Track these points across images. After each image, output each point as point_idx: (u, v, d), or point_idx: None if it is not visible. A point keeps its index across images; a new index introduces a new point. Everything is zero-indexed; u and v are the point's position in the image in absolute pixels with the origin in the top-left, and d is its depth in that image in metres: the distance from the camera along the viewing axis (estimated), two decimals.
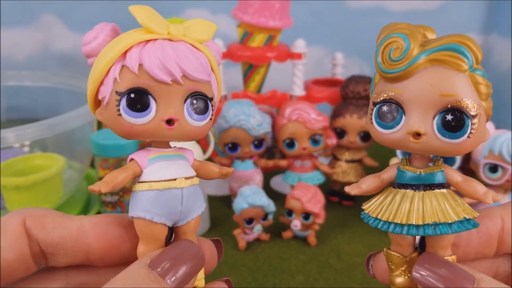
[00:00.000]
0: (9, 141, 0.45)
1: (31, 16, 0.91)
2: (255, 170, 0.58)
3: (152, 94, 0.21)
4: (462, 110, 0.21)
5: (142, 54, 0.21)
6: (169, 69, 0.21)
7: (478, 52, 0.21)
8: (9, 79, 0.73)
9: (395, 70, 0.21)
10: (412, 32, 0.21)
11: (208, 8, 0.91)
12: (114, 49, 0.21)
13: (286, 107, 0.56)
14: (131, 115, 0.21)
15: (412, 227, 0.22)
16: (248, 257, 0.50)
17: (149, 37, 0.21)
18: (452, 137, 0.21)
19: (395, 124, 0.22)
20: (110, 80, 0.21)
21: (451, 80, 0.21)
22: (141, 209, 0.22)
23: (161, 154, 0.23)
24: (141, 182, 0.22)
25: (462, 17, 0.92)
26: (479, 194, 0.22)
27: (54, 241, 0.22)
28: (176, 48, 0.21)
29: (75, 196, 0.58)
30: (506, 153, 0.50)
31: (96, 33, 0.22)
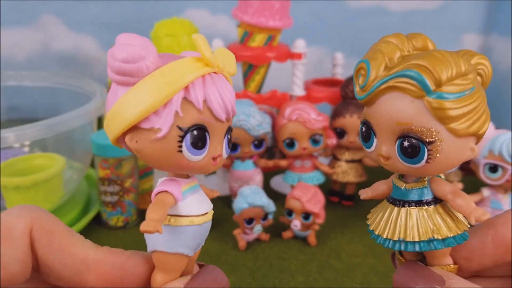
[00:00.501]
0: (9, 141, 0.45)
1: (31, 16, 0.91)
2: (255, 170, 0.58)
3: (209, 132, 0.21)
4: (417, 137, 0.20)
5: (206, 90, 0.20)
6: (227, 108, 0.21)
7: (443, 73, 0.20)
8: (9, 79, 0.73)
9: (361, 97, 0.22)
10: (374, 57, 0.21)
11: (208, 8, 0.91)
12: (177, 80, 0.20)
13: (286, 107, 0.56)
14: (192, 152, 0.21)
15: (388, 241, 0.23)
16: (248, 257, 0.50)
17: (207, 71, 0.21)
18: (410, 163, 0.21)
19: (370, 144, 0.23)
20: (170, 112, 0.20)
21: (405, 108, 0.20)
22: (181, 244, 0.22)
23: (190, 185, 0.23)
24: (178, 216, 0.22)
25: (462, 17, 0.92)
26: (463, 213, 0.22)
27: (53, 264, 0.21)
28: (224, 85, 0.21)
29: (75, 196, 0.58)
30: (506, 153, 0.50)
31: (140, 50, 0.20)
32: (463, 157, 0.21)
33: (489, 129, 0.53)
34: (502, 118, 0.80)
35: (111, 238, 0.53)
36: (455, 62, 0.20)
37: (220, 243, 0.52)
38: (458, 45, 0.93)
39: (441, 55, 0.20)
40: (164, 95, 0.20)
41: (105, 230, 0.55)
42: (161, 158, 0.21)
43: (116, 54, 0.20)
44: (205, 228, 0.23)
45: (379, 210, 0.24)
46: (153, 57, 0.20)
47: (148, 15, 0.87)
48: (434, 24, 0.92)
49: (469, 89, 0.20)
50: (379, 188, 0.25)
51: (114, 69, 0.20)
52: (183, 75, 0.20)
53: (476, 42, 0.93)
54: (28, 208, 0.21)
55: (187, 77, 0.20)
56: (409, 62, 0.20)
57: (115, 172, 0.53)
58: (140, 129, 0.20)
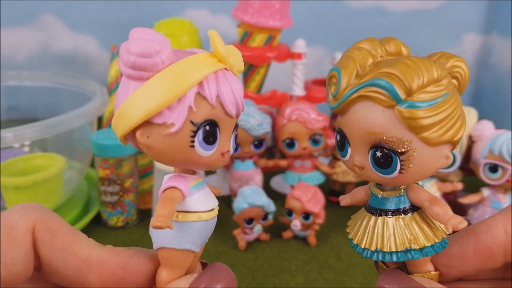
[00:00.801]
0: (9, 141, 0.45)
1: (31, 16, 0.91)
2: (255, 170, 0.58)
3: (219, 127, 0.21)
4: (388, 147, 0.20)
5: (219, 86, 0.21)
6: (238, 104, 0.21)
7: (413, 81, 0.19)
8: (9, 79, 0.73)
9: (333, 106, 0.22)
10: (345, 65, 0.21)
11: (208, 8, 0.91)
12: (193, 75, 0.20)
13: (286, 107, 0.56)
14: (204, 147, 0.21)
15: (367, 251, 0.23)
16: (248, 257, 0.50)
17: (220, 67, 0.21)
18: (383, 173, 0.21)
19: (345, 153, 0.22)
20: (183, 107, 0.20)
21: (376, 118, 0.20)
22: (189, 240, 0.22)
23: (197, 181, 0.23)
24: (186, 212, 0.22)
25: (462, 17, 0.92)
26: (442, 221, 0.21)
27: (55, 264, 0.21)
28: (234, 80, 0.22)
29: (75, 196, 0.58)
30: (506, 153, 0.50)
31: (156, 45, 0.20)
32: (437, 166, 0.21)
33: (489, 129, 0.53)
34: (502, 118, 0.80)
35: (111, 238, 0.53)
36: (427, 69, 0.19)
37: (220, 243, 0.52)
38: (458, 45, 0.93)
39: (412, 62, 0.19)
40: (179, 90, 0.20)
41: (105, 230, 0.55)
42: (172, 154, 0.21)
43: (132, 48, 0.20)
44: (212, 223, 0.23)
45: (358, 218, 0.24)
46: (168, 52, 0.20)
47: (148, 15, 0.87)
48: (434, 24, 0.92)
49: (442, 96, 0.20)
50: (357, 195, 0.25)
51: (129, 63, 0.20)
52: (197, 70, 0.20)
53: (476, 42, 0.93)
54: (30, 207, 0.21)
55: (202, 72, 0.20)
56: (379, 70, 0.20)
57: (115, 172, 0.53)
58: (152, 124, 0.20)
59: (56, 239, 0.21)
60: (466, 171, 0.58)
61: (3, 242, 0.19)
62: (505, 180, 0.51)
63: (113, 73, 0.60)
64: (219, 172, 0.65)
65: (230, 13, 0.62)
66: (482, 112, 0.72)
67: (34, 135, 0.46)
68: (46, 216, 0.21)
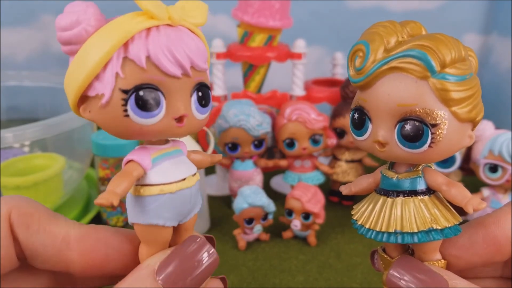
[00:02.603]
0: (9, 141, 0.45)
1: (31, 16, 0.91)
2: (255, 170, 0.58)
3: (162, 90, 0.19)
4: (421, 119, 0.20)
5: (148, 44, 0.18)
6: (180, 62, 0.19)
7: (446, 55, 0.19)
8: (9, 79, 0.73)
9: (358, 80, 0.21)
10: (372, 39, 0.21)
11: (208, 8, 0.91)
12: (112, 38, 0.18)
13: (286, 107, 0.56)
14: (141, 115, 0.19)
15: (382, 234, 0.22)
16: (248, 257, 0.50)
17: (151, 24, 0.19)
18: (412, 147, 0.20)
19: (364, 131, 0.22)
20: (110, 75, 0.18)
21: (408, 89, 0.20)
22: (152, 216, 0.20)
23: (163, 152, 0.21)
24: (147, 185, 0.20)
25: (462, 17, 0.92)
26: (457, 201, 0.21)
27: (35, 246, 0.21)
28: (180, 36, 0.19)
29: (75, 196, 0.58)
30: (506, 153, 0.50)
31: (77, 16, 0.19)
32: (462, 144, 0.21)
33: (489, 129, 0.53)
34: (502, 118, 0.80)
35: None
36: (457, 46, 0.20)
37: (220, 243, 0.52)
38: None
39: (443, 37, 0.20)
40: (101, 57, 0.18)
41: None
42: (112, 126, 0.19)
43: (57, 23, 0.19)
44: (183, 195, 0.21)
45: (367, 203, 0.23)
46: (93, 19, 0.19)
47: None
48: (434, 24, 0.91)
49: (469, 74, 0.20)
50: (363, 183, 0.24)
51: (59, 40, 0.19)
52: (119, 32, 0.18)
53: (476, 42, 0.93)
54: (8, 197, 0.21)
55: (123, 33, 0.18)
56: (412, 42, 0.20)
57: (115, 172, 0.53)
58: (89, 98, 0.19)
59: (32, 222, 0.21)
60: (466, 171, 0.58)
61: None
62: (505, 180, 0.51)
63: None
64: (219, 172, 0.65)
65: (230, 13, 0.62)
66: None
67: (34, 135, 0.46)
68: (23, 202, 0.21)
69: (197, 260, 0.21)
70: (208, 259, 0.21)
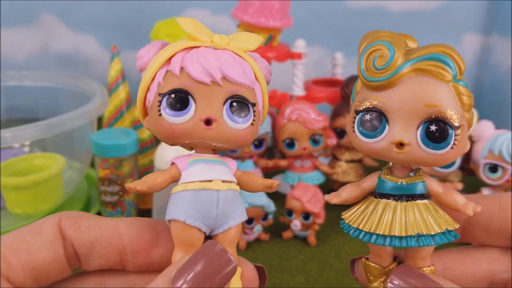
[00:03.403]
0: (9, 141, 0.45)
1: (31, 16, 0.91)
2: (255, 170, 0.58)
3: (192, 95, 0.21)
4: (446, 121, 0.20)
5: (185, 58, 0.21)
6: (209, 71, 0.21)
7: (462, 63, 0.21)
8: (9, 79, 0.73)
9: (380, 79, 0.21)
10: (395, 40, 0.21)
11: (208, 8, 0.91)
12: (160, 57, 0.22)
13: (286, 107, 0.56)
14: (170, 114, 0.21)
15: (394, 239, 0.22)
16: (248, 257, 0.49)
17: (193, 44, 0.22)
18: (435, 148, 0.21)
19: (378, 133, 0.21)
20: (155, 85, 0.22)
21: (435, 90, 0.20)
22: (176, 211, 0.21)
23: (201, 158, 0.23)
24: (179, 184, 0.22)
25: (462, 17, 0.92)
26: (459, 205, 0.22)
27: (89, 241, 0.23)
28: (218, 54, 0.22)
29: (75, 196, 0.58)
30: (506, 153, 0.50)
31: (148, 47, 0.23)
32: (467, 147, 0.22)
33: (489, 129, 0.53)
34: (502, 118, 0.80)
35: None
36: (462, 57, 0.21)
37: None
38: (458, 45, 0.93)
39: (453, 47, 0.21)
40: (151, 72, 0.22)
41: None
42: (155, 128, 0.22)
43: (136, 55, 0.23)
44: (206, 196, 0.21)
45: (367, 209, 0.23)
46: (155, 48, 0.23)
47: (148, 15, 0.87)
48: (434, 24, 0.92)
49: None
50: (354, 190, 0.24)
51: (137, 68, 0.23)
52: (165, 53, 0.22)
53: (476, 42, 0.93)
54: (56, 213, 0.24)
55: (168, 51, 0.22)
56: (434, 48, 0.20)
57: (115, 172, 0.53)
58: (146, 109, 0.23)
59: (82, 222, 0.23)
60: (466, 171, 0.58)
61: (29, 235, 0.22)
62: (505, 180, 0.51)
63: (113, 73, 0.60)
64: None
65: (230, 13, 0.62)
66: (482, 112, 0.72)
67: (34, 135, 0.46)
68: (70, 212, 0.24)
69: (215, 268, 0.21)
70: (226, 267, 0.21)
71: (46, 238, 0.22)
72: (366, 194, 0.24)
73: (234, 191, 0.22)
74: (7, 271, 0.21)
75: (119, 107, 0.59)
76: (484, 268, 0.24)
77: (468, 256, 0.25)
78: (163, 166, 0.50)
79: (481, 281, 0.24)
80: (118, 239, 0.23)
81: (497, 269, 0.24)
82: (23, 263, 0.21)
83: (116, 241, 0.23)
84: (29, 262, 0.21)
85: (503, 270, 0.24)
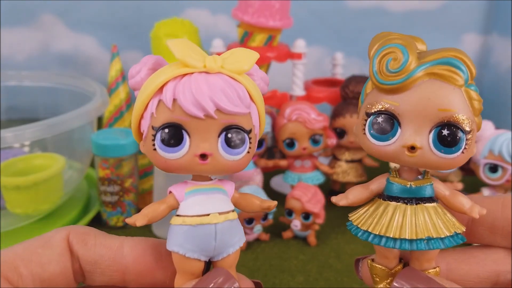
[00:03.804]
0: (9, 141, 0.45)
1: (31, 16, 0.91)
2: (255, 170, 0.58)
3: (186, 129, 0.21)
4: (458, 125, 0.20)
5: (177, 89, 0.21)
6: (201, 104, 0.20)
7: (473, 67, 0.21)
8: (9, 79, 0.73)
9: (393, 82, 0.21)
10: (408, 43, 0.21)
11: (208, 8, 0.91)
12: (152, 84, 0.21)
13: (286, 107, 0.56)
14: (164, 150, 0.21)
15: (404, 242, 0.22)
16: (248, 257, 0.50)
17: (185, 71, 0.21)
18: (447, 152, 0.21)
19: (390, 136, 0.21)
20: (148, 114, 0.21)
21: (448, 95, 0.20)
22: (175, 243, 0.22)
23: (198, 187, 0.23)
24: (177, 215, 0.22)
25: (462, 17, 0.92)
26: (465, 208, 0.22)
27: (93, 259, 0.23)
28: (211, 82, 0.21)
29: (75, 196, 0.58)
30: (506, 153, 0.50)
31: (140, 66, 0.22)
32: (474, 151, 0.22)
33: (489, 129, 0.53)
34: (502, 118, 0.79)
35: None
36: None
37: None
38: (458, 45, 0.93)
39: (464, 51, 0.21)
40: (143, 99, 0.21)
41: (105, 230, 0.54)
42: (151, 159, 0.22)
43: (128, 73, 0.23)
44: (204, 230, 0.22)
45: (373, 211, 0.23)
46: (147, 69, 0.22)
47: (148, 15, 0.87)
48: (434, 24, 0.91)
49: None
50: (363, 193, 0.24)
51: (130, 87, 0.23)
52: (156, 80, 0.21)
53: (476, 42, 0.93)
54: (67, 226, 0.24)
55: (158, 80, 0.21)
56: (446, 52, 0.20)
57: (115, 172, 0.53)
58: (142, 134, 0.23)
59: (89, 238, 0.23)
60: (466, 171, 0.58)
61: (40, 247, 0.22)
62: (505, 180, 0.51)
63: (113, 73, 0.60)
64: None
65: (230, 13, 0.62)
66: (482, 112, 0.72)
67: (34, 135, 0.46)
68: (79, 226, 0.24)
69: None
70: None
71: (56, 251, 0.22)
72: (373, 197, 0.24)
73: (232, 221, 0.23)
74: (18, 281, 0.21)
75: (119, 107, 0.59)
76: (488, 269, 0.24)
77: (472, 256, 0.25)
78: None
79: (484, 282, 0.24)
80: (122, 259, 0.23)
81: (501, 270, 0.24)
82: (34, 274, 0.21)
83: (120, 260, 0.23)
84: (40, 274, 0.22)
85: (507, 271, 0.24)
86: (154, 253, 0.23)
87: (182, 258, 0.22)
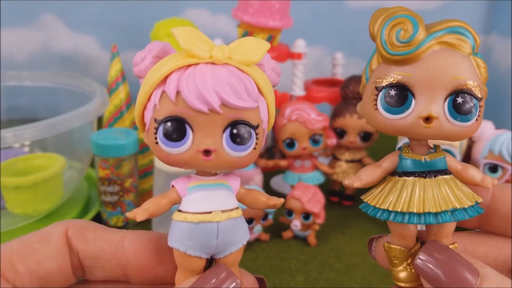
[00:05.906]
0: (9, 141, 0.45)
1: (31, 16, 0.91)
2: (255, 170, 0.58)
3: (190, 123, 0.20)
4: (471, 92, 0.20)
5: (181, 81, 0.20)
6: (206, 98, 0.19)
7: (477, 36, 0.21)
8: (9, 79, 0.73)
9: (404, 52, 0.20)
10: (415, 14, 0.21)
11: (208, 8, 0.91)
12: (156, 74, 0.20)
13: (286, 107, 0.56)
14: (166, 144, 0.20)
15: (429, 216, 0.21)
16: (248, 257, 0.50)
17: (191, 61, 0.20)
18: (463, 120, 0.21)
19: (405, 108, 0.21)
20: (151, 106, 0.21)
21: (460, 63, 0.20)
22: (175, 240, 0.21)
23: (202, 183, 0.22)
24: (178, 211, 0.22)
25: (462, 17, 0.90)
26: (477, 180, 0.22)
27: (93, 253, 0.22)
28: (217, 74, 0.20)
29: (75, 196, 0.58)
30: (506, 153, 0.50)
31: (144, 54, 0.21)
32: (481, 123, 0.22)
33: (489, 129, 0.53)
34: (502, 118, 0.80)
35: None
36: None
37: None
38: None
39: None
40: (146, 90, 0.21)
41: None
42: (153, 151, 0.21)
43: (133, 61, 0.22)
44: (205, 228, 0.21)
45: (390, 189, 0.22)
46: (152, 56, 0.21)
47: (148, 15, 0.87)
48: None
49: None
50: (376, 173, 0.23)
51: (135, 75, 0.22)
52: (160, 70, 0.20)
53: None
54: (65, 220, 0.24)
55: (162, 70, 0.20)
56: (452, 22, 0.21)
57: (115, 172, 0.53)
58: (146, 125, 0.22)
59: (88, 232, 0.23)
60: None
61: (37, 242, 0.22)
62: (505, 180, 0.51)
63: (113, 73, 0.60)
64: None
65: (230, 13, 0.62)
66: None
67: (34, 135, 0.46)
68: (78, 220, 0.23)
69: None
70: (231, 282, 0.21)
71: (53, 247, 0.22)
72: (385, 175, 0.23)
73: (235, 218, 0.22)
74: (14, 278, 0.20)
75: (119, 107, 0.59)
76: (505, 253, 0.24)
77: (489, 239, 0.24)
78: (163, 166, 0.50)
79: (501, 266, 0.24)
80: (123, 253, 0.23)
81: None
82: (31, 271, 0.21)
83: (121, 255, 0.23)
84: (37, 270, 0.21)
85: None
86: (156, 247, 0.23)
87: (183, 255, 0.21)
